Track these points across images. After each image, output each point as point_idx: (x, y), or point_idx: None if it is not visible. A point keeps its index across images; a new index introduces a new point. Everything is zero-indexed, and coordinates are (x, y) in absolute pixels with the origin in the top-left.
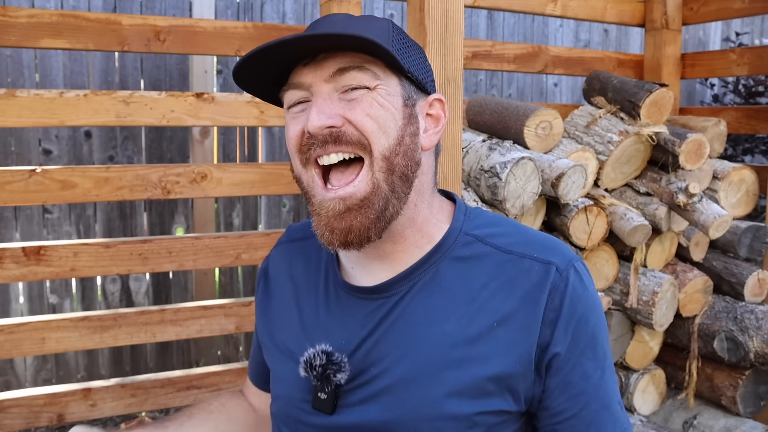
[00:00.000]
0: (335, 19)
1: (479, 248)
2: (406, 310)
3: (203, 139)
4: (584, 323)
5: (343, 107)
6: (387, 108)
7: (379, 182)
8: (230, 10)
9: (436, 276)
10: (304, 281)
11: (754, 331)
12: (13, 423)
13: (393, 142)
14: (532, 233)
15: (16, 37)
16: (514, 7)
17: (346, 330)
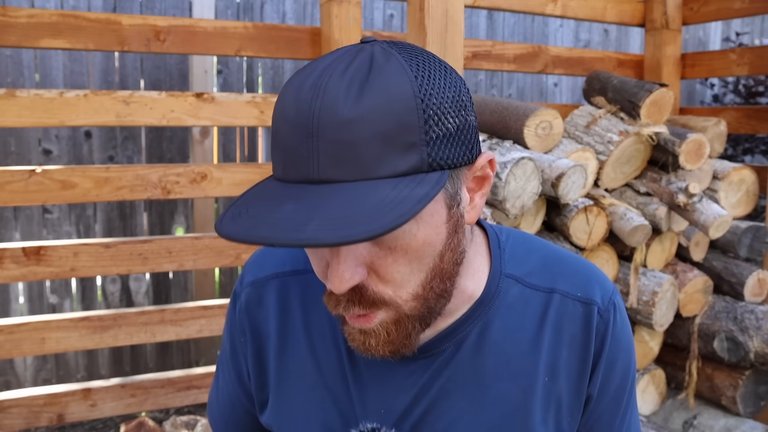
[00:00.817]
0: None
1: (521, 291)
2: (455, 371)
3: (203, 139)
4: (620, 366)
5: (370, 251)
6: (427, 241)
7: (409, 317)
8: (230, 10)
9: (484, 331)
10: (318, 334)
11: (754, 331)
12: (13, 423)
13: (426, 276)
14: (566, 261)
15: (16, 37)
16: (514, 7)
17: (384, 397)
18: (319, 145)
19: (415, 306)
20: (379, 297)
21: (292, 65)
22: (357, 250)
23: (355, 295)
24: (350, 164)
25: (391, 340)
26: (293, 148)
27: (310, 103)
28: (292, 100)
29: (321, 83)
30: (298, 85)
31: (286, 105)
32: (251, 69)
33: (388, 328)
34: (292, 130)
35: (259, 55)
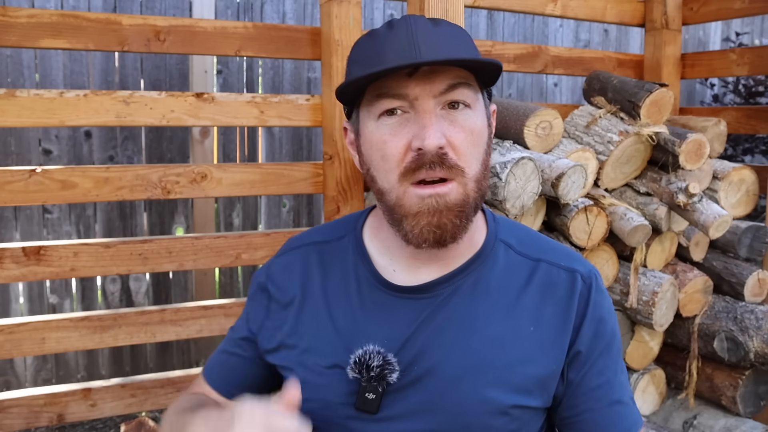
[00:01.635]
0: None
1: (512, 256)
2: (452, 311)
3: (203, 139)
4: (603, 326)
5: (447, 127)
6: (481, 129)
7: (470, 198)
8: (230, 10)
9: (478, 280)
10: (333, 285)
11: (754, 331)
12: (13, 423)
13: (481, 167)
14: (551, 242)
15: (16, 37)
16: (514, 7)
17: (390, 329)
18: (418, 40)
19: (474, 188)
20: (455, 163)
21: (292, 65)
22: (439, 122)
23: (438, 158)
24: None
25: (452, 206)
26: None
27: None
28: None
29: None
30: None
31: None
32: (251, 69)
33: (456, 199)
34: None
35: (259, 55)
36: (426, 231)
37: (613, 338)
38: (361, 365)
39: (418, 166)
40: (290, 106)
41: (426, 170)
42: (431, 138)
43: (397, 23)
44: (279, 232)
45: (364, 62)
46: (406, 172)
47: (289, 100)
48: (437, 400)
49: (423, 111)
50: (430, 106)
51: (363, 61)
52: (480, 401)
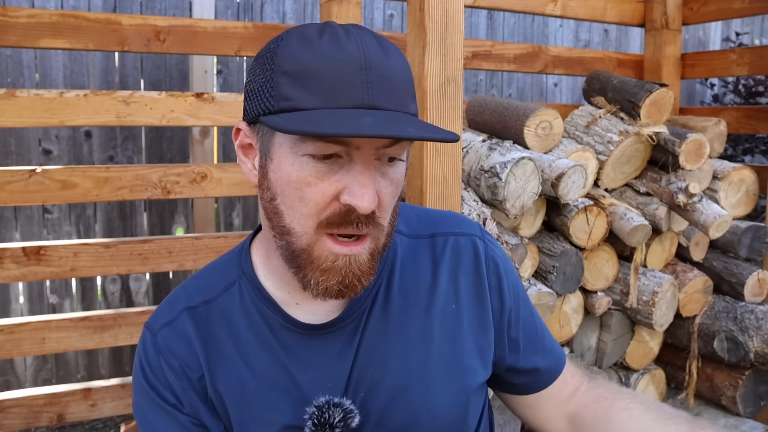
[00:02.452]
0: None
1: (408, 242)
2: (376, 325)
3: (203, 139)
4: (514, 276)
5: (379, 182)
6: (403, 181)
7: (380, 246)
8: (230, 10)
9: (390, 280)
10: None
11: (754, 331)
12: (13, 423)
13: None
14: (433, 213)
15: (16, 37)
16: (514, 7)
17: (328, 371)
18: (371, 78)
19: (386, 241)
20: (377, 221)
21: None
22: (374, 176)
23: (366, 218)
24: (395, 97)
25: (364, 269)
26: (346, 79)
27: (357, 47)
28: (334, 43)
29: (353, 35)
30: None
31: (327, 47)
32: None
33: (368, 257)
34: (343, 65)
35: None
36: (332, 289)
37: (521, 283)
38: (322, 425)
39: (344, 222)
40: None
41: (351, 228)
42: (368, 201)
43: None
44: None
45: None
46: (327, 224)
47: None
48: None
49: (362, 163)
50: (369, 159)
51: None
52: (440, 404)
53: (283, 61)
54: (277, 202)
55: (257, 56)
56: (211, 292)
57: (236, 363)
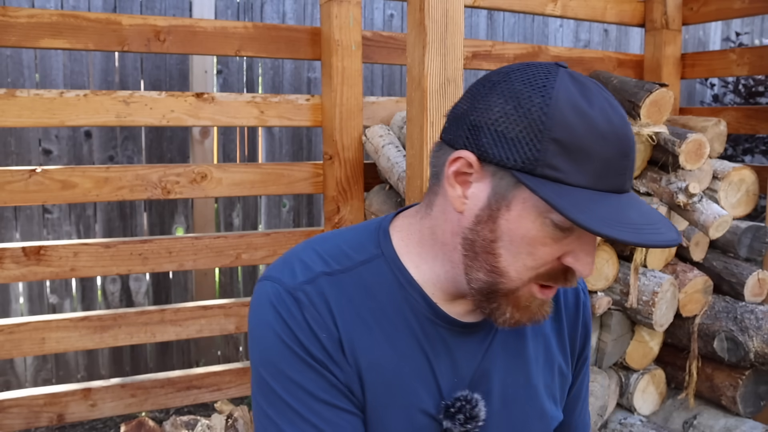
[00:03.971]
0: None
1: None
2: (505, 338)
3: (203, 139)
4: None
5: None
6: None
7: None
8: (230, 10)
9: None
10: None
11: (754, 331)
12: (13, 423)
13: None
14: None
15: (16, 37)
16: (514, 7)
17: (456, 366)
18: (629, 162)
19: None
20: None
21: (292, 65)
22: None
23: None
24: (632, 177)
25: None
26: (610, 163)
27: (624, 127)
28: (604, 119)
29: (614, 105)
30: (603, 104)
31: (600, 123)
32: (251, 69)
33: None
34: (613, 149)
35: (259, 55)
36: (519, 323)
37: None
38: (472, 418)
39: (558, 279)
40: (290, 106)
41: (559, 283)
42: (591, 269)
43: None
44: (279, 232)
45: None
46: (541, 277)
47: (289, 100)
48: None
49: (592, 237)
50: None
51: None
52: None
53: (555, 126)
54: (497, 245)
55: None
56: (347, 263)
57: (377, 338)
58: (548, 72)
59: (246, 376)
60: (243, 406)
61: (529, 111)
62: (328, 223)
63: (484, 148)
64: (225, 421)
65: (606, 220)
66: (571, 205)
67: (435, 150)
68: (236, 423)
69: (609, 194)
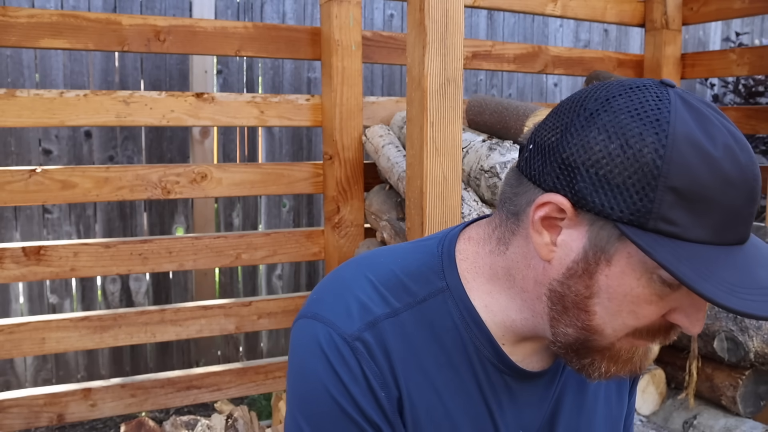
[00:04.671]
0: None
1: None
2: (567, 380)
3: (203, 139)
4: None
5: None
6: None
7: None
8: (230, 10)
9: None
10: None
11: (754, 331)
12: (13, 423)
13: None
14: None
15: (16, 37)
16: (514, 7)
17: (521, 417)
18: (755, 209)
19: None
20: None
21: (292, 65)
22: None
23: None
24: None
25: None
26: (737, 213)
27: (752, 167)
28: (731, 161)
29: (741, 142)
30: (727, 139)
31: (726, 166)
32: (251, 69)
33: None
34: (741, 196)
35: (259, 55)
36: (617, 375)
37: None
38: None
39: (660, 336)
40: (290, 106)
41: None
42: (698, 327)
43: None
44: (279, 232)
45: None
46: (645, 335)
47: (289, 100)
48: None
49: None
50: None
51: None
52: None
53: (673, 172)
54: (593, 301)
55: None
56: (408, 299)
57: (438, 386)
58: (659, 99)
59: (245, 375)
60: (243, 406)
61: (640, 152)
62: (328, 223)
63: (581, 194)
64: (225, 421)
65: (734, 288)
66: (691, 269)
67: (512, 181)
68: (236, 423)
69: (732, 248)
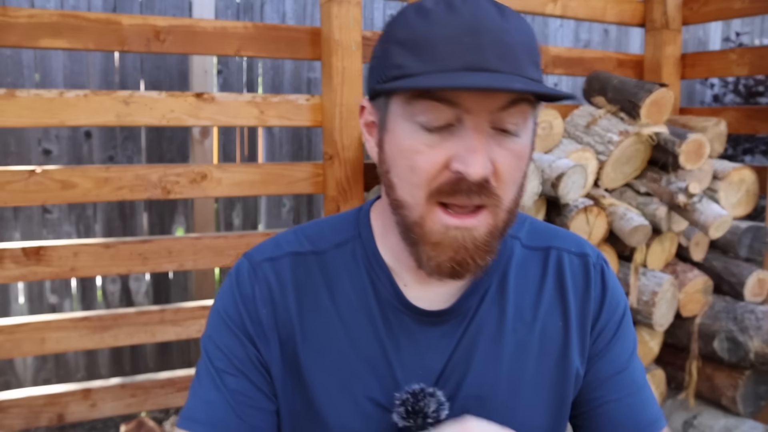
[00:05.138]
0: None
1: (523, 251)
2: (481, 326)
3: (203, 139)
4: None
5: (495, 151)
6: (527, 153)
7: (499, 228)
8: (230, 10)
9: (503, 281)
10: (345, 304)
11: (754, 331)
12: (13, 423)
13: (517, 192)
14: (557, 229)
15: (16, 37)
16: (514, 7)
17: (421, 359)
18: (483, 41)
19: (506, 216)
20: (494, 193)
21: (292, 65)
22: (490, 147)
23: (478, 187)
24: (509, 59)
25: (478, 244)
26: (456, 42)
27: (471, 12)
28: (445, 7)
29: (469, 3)
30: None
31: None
32: (251, 69)
33: (484, 233)
34: (454, 30)
35: (259, 55)
36: (445, 266)
37: (627, 319)
38: (416, 413)
39: (454, 191)
40: (290, 106)
41: (461, 197)
42: (478, 167)
43: (459, 5)
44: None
45: (413, 49)
46: (438, 193)
47: (289, 100)
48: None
49: (473, 129)
50: (482, 125)
51: (412, 46)
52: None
53: (396, 31)
54: (390, 174)
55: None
56: (322, 245)
57: (333, 322)
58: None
59: None
60: None
61: (382, 34)
62: None
63: (370, 88)
64: None
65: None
66: (413, 82)
67: None
68: None
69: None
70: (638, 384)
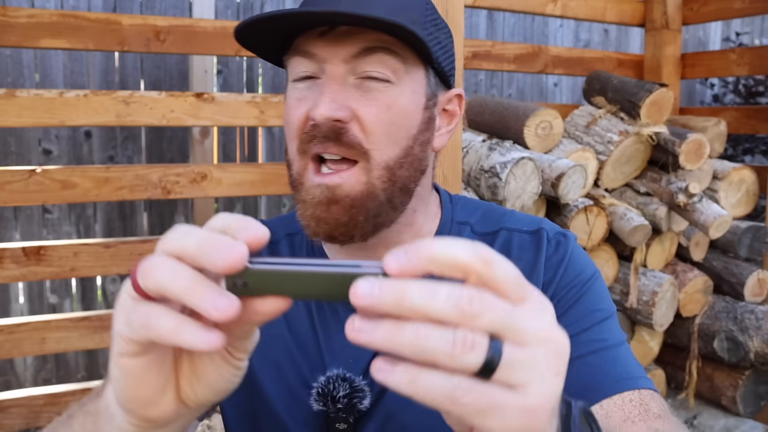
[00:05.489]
0: None
1: (473, 237)
2: None
3: (203, 139)
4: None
5: (357, 98)
6: (406, 111)
7: (376, 189)
8: (230, 10)
9: None
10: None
11: (754, 331)
12: (13, 423)
13: (400, 153)
14: (516, 213)
15: (16, 37)
16: (514, 7)
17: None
18: None
19: (383, 177)
20: (356, 142)
21: None
22: (347, 90)
23: (332, 132)
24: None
25: (342, 207)
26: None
27: None
28: None
29: None
30: None
31: None
32: (251, 69)
33: (348, 192)
34: None
35: None
36: (313, 223)
37: (596, 289)
38: (325, 396)
39: (310, 138)
40: None
41: (317, 144)
42: (320, 108)
43: None
44: None
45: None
46: (301, 143)
47: None
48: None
49: (328, 77)
50: (338, 72)
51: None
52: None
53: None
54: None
55: None
56: (275, 236)
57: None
58: None
59: None
60: None
61: None
62: None
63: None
64: None
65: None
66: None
67: None
68: None
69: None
70: (605, 343)
